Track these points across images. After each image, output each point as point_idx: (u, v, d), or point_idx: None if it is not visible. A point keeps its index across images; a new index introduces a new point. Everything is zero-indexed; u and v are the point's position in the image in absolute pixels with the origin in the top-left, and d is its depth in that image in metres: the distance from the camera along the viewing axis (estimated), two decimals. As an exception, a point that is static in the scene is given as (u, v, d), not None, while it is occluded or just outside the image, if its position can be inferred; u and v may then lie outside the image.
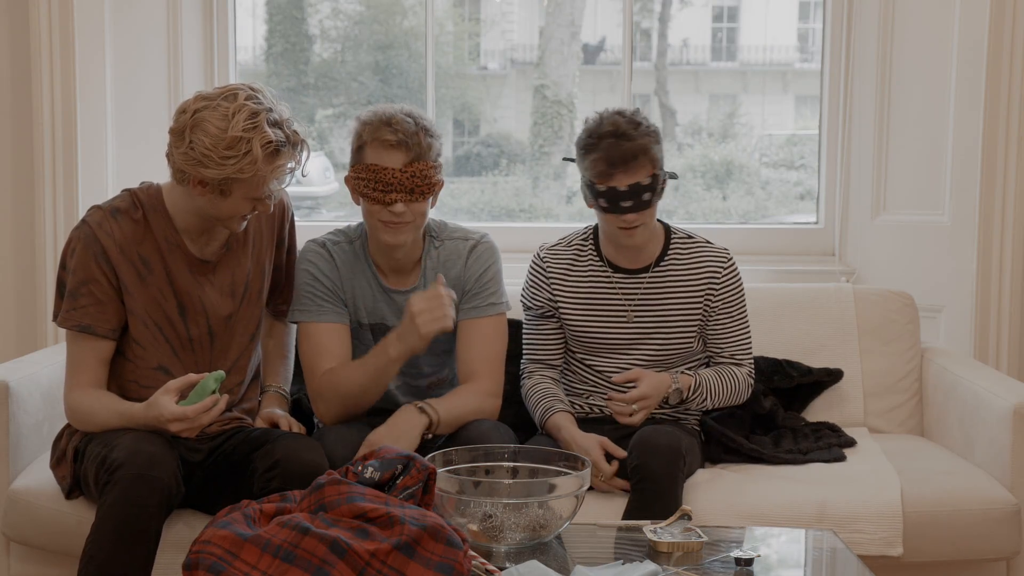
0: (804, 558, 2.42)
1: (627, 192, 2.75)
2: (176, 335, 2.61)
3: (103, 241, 2.53)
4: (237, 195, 2.48)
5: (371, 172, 2.69)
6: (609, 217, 2.81)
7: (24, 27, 3.61)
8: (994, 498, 2.79)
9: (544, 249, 3.02)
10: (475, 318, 2.83)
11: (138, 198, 2.59)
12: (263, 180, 2.46)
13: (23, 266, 3.72)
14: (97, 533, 2.31)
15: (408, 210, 2.69)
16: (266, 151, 2.42)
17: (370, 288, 2.84)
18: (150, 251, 2.57)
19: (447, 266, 2.85)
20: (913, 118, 3.69)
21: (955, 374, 3.21)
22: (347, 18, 4.97)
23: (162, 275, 2.57)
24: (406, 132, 2.69)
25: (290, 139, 2.47)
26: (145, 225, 2.57)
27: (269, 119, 2.43)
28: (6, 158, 3.73)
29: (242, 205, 2.51)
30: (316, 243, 2.88)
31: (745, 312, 2.98)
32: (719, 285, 2.92)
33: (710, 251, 2.95)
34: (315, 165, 4.96)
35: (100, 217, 2.56)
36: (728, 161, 5.04)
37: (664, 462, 2.65)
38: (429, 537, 2.00)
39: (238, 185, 2.45)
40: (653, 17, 5.11)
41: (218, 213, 2.52)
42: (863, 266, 3.83)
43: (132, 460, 2.33)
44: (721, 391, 2.92)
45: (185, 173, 2.46)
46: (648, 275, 2.92)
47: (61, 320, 2.56)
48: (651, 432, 2.72)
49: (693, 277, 2.92)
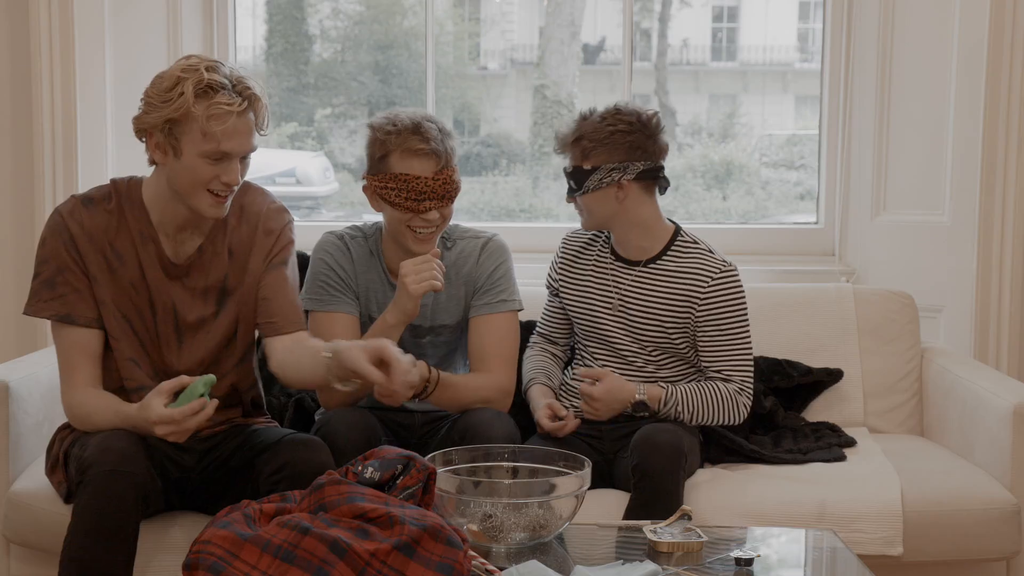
0: (804, 558, 2.42)
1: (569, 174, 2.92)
2: (145, 329, 2.55)
3: (72, 229, 2.50)
4: (189, 152, 2.41)
5: (401, 181, 2.69)
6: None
7: (24, 27, 3.61)
8: (994, 498, 2.79)
9: (568, 234, 3.12)
10: (486, 314, 2.84)
11: (116, 188, 2.56)
12: (207, 129, 2.39)
13: (23, 266, 3.72)
14: (74, 533, 2.29)
15: (440, 216, 2.73)
16: (197, 87, 2.37)
17: (382, 285, 2.85)
18: (124, 243, 2.53)
19: (459, 265, 2.86)
20: (913, 118, 3.69)
21: (955, 374, 3.21)
22: (347, 18, 4.97)
23: (135, 268, 2.53)
24: (434, 139, 2.70)
25: (234, 86, 2.41)
26: (119, 216, 2.53)
27: (210, 67, 2.41)
28: (6, 158, 3.74)
29: (200, 167, 2.42)
30: (334, 235, 2.89)
31: (741, 331, 2.88)
32: (704, 294, 2.85)
33: (706, 259, 2.89)
34: (315, 165, 4.98)
35: (72, 206, 2.54)
36: (728, 161, 5.04)
37: (665, 461, 2.65)
38: (429, 537, 2.00)
39: (185, 135, 2.40)
40: (653, 17, 5.11)
41: (181, 184, 2.45)
42: (863, 266, 3.83)
43: (102, 458, 2.31)
44: (700, 406, 2.85)
45: (138, 129, 2.45)
46: (640, 268, 2.93)
47: (38, 309, 2.51)
48: (652, 430, 2.72)
49: (680, 279, 2.89)
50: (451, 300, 2.86)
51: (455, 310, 2.87)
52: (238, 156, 2.45)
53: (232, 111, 2.39)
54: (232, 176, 2.45)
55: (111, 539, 2.28)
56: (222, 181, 2.45)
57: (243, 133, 2.44)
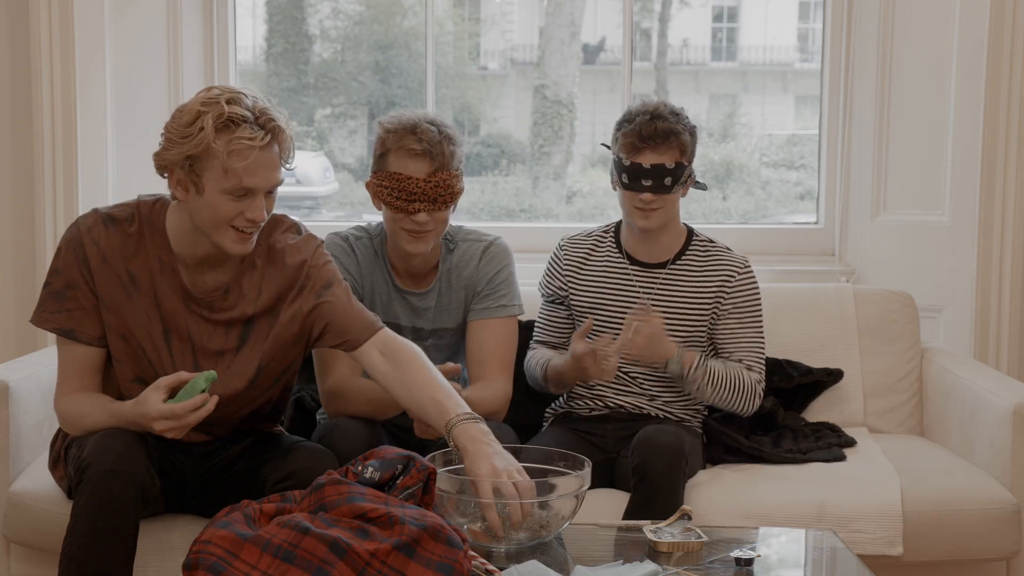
0: (804, 558, 2.41)
1: (650, 171, 2.83)
2: (159, 359, 2.46)
3: (87, 248, 2.43)
4: (211, 188, 2.31)
5: (394, 180, 2.69)
6: (628, 194, 2.87)
7: (24, 27, 3.61)
8: (994, 498, 2.80)
9: (565, 239, 3.09)
10: (485, 318, 2.83)
11: (140, 211, 2.47)
12: (228, 165, 2.29)
13: (23, 266, 3.72)
14: (73, 533, 2.27)
15: (431, 219, 2.70)
16: (218, 122, 2.27)
17: (386, 287, 2.85)
18: (140, 268, 2.44)
19: (460, 268, 2.85)
20: (913, 118, 3.69)
21: (955, 374, 3.21)
22: (347, 18, 4.97)
23: (150, 295, 2.45)
24: (431, 141, 2.68)
25: (257, 119, 2.30)
26: (138, 240, 2.45)
27: (232, 99, 2.31)
28: (6, 158, 3.73)
29: (222, 204, 2.32)
30: (339, 236, 2.87)
31: (760, 323, 2.97)
32: (731, 289, 2.94)
33: (728, 257, 2.98)
34: (315, 165, 4.98)
35: (91, 222, 2.46)
36: (728, 161, 5.04)
37: (666, 461, 2.65)
38: (429, 537, 2.00)
39: (206, 171, 2.30)
40: (653, 17, 5.12)
41: (203, 221, 2.36)
42: (863, 266, 3.83)
43: (100, 457, 2.29)
44: (725, 382, 2.90)
45: (158, 165, 2.36)
46: (665, 270, 2.96)
47: (42, 320, 2.45)
48: (653, 431, 2.72)
49: (707, 278, 2.95)
50: (452, 304, 2.86)
51: (456, 314, 2.87)
52: (263, 191, 2.35)
53: (254, 146, 2.29)
54: (258, 212, 2.35)
55: (110, 539, 2.27)
56: (247, 218, 2.35)
57: (267, 167, 2.33)
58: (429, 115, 2.76)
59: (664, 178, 2.84)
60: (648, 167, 2.83)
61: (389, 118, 2.76)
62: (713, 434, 3.01)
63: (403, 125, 2.71)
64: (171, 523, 2.60)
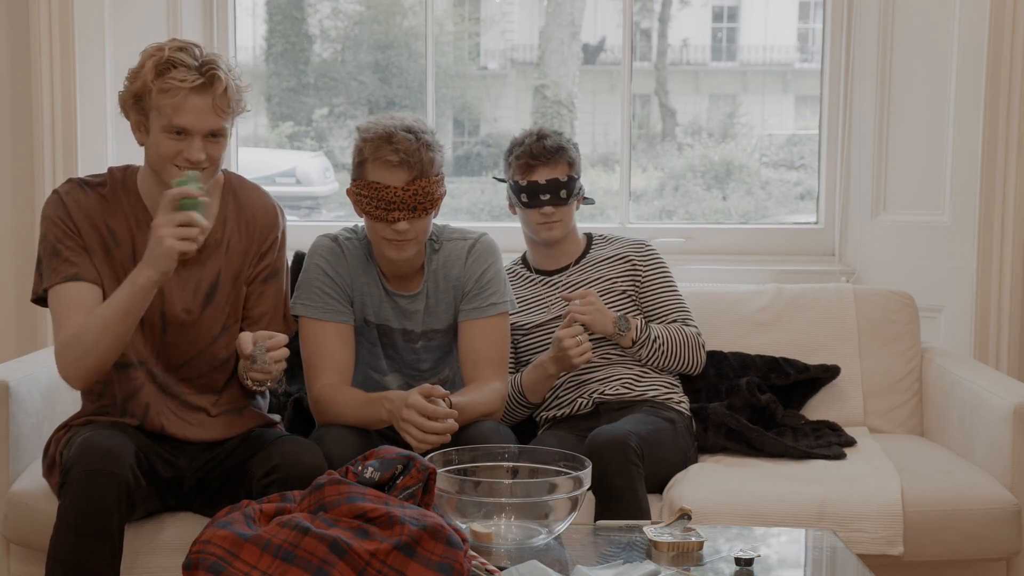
0: (804, 558, 2.42)
1: (546, 185, 3.03)
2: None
3: (69, 206, 2.53)
4: (153, 127, 2.46)
5: (372, 190, 2.68)
6: (531, 212, 3.06)
7: (24, 27, 3.61)
8: (994, 498, 2.79)
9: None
10: (476, 319, 2.82)
11: (112, 175, 2.61)
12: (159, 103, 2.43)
13: (23, 266, 3.72)
14: (58, 534, 2.28)
15: (411, 227, 2.69)
16: (159, 64, 2.43)
17: (376, 289, 2.84)
18: (119, 225, 2.55)
19: (447, 268, 2.84)
20: (913, 118, 3.69)
21: (955, 374, 3.21)
22: (347, 18, 4.97)
23: (128, 251, 2.54)
24: (407, 151, 2.67)
25: (200, 67, 2.44)
26: (114, 200, 2.56)
27: (181, 47, 2.45)
28: (6, 157, 3.74)
29: (162, 142, 2.45)
30: (328, 237, 2.86)
31: (677, 288, 3.15)
32: (643, 264, 3.13)
33: (629, 241, 3.19)
34: (315, 165, 4.98)
35: (69, 187, 2.58)
36: (728, 161, 5.04)
37: (612, 461, 2.64)
38: (429, 537, 2.00)
39: (150, 111, 2.45)
40: (653, 17, 5.12)
41: (151, 160, 2.50)
42: (863, 266, 3.83)
43: (84, 458, 2.30)
44: (671, 338, 3.04)
45: (120, 108, 2.53)
46: (576, 265, 3.15)
47: (49, 280, 2.49)
48: (598, 432, 2.75)
49: (616, 263, 3.14)
50: (440, 305, 2.85)
51: (445, 315, 2.86)
52: (198, 133, 2.45)
53: (183, 87, 2.41)
54: (193, 153, 2.45)
55: (94, 538, 2.27)
56: (184, 157, 2.45)
57: (198, 110, 2.43)
58: (407, 121, 2.73)
59: (559, 191, 3.03)
60: (544, 183, 3.02)
61: (366, 125, 2.74)
62: (713, 419, 3.02)
63: (379, 135, 2.69)
64: (161, 523, 2.61)
